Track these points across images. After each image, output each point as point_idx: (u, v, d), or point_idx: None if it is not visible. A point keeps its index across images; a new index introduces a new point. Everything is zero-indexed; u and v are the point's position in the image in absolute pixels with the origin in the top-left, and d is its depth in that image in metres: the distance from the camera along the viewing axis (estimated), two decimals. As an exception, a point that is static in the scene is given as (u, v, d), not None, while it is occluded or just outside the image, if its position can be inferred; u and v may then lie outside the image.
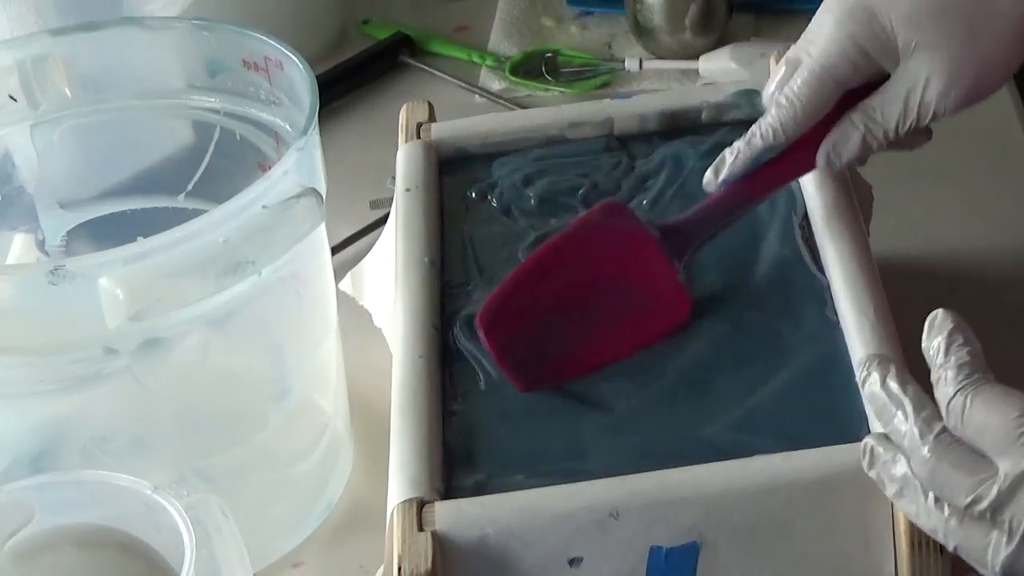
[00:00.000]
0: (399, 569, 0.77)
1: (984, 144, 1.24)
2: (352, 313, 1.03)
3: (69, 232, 1.03)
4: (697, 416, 0.83)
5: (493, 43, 1.41)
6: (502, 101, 1.33)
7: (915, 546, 0.77)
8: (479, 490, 0.81)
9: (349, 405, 1.02)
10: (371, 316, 1.02)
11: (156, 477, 0.77)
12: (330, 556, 0.97)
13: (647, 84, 1.34)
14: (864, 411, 0.80)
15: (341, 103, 1.35)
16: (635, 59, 1.35)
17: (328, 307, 0.98)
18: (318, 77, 0.94)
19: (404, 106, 1.05)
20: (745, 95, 1.00)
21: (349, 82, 1.37)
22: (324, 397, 0.99)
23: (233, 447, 0.93)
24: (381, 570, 0.85)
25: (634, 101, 1.03)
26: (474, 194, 0.99)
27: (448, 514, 0.78)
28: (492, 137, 1.02)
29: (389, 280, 0.95)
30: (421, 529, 0.78)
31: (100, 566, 0.79)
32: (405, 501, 0.79)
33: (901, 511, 0.74)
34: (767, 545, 0.79)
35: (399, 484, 0.80)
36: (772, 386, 0.84)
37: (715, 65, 1.33)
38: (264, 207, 0.85)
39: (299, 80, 0.93)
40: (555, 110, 1.04)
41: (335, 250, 1.13)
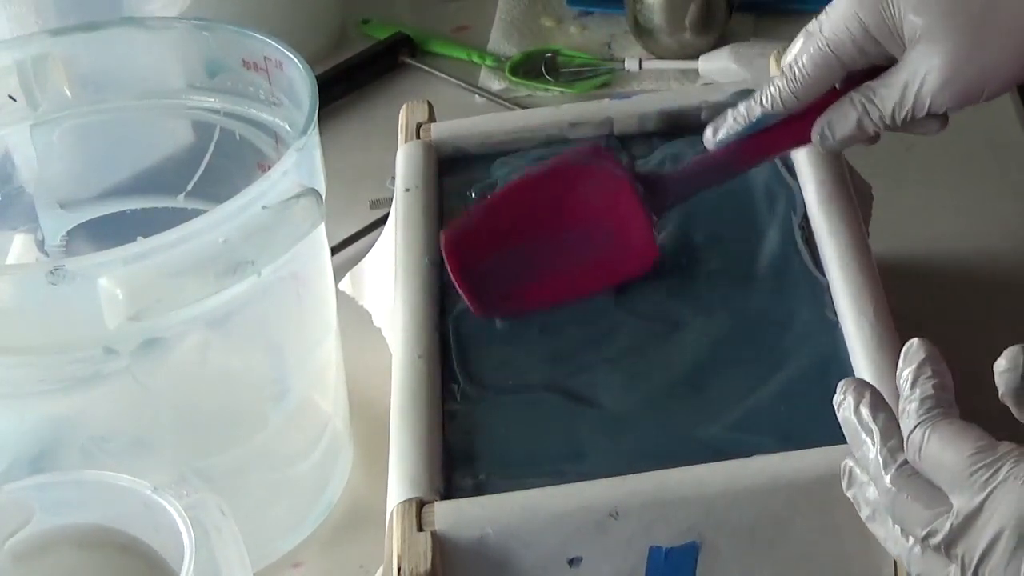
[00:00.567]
0: (399, 569, 0.77)
1: (984, 144, 1.24)
2: (352, 313, 1.03)
3: (69, 232, 1.03)
4: (697, 416, 0.83)
5: (493, 43, 1.41)
6: (502, 101, 1.33)
7: (915, 546, 0.77)
8: (479, 490, 0.81)
9: (349, 405, 1.02)
10: (371, 316, 1.02)
11: (156, 477, 0.77)
12: (330, 556, 0.97)
13: (647, 84, 1.34)
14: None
15: (341, 103, 1.35)
16: (635, 59, 1.35)
17: (328, 307, 0.98)
18: (318, 77, 0.94)
19: (404, 106, 1.05)
20: (745, 95, 1.00)
21: (349, 82, 1.37)
22: (324, 397, 0.99)
23: (233, 447, 0.93)
24: (381, 570, 0.85)
25: (634, 101, 1.03)
26: (474, 194, 0.99)
27: (448, 514, 0.78)
28: (492, 137, 1.02)
29: (389, 280, 0.95)
30: (421, 529, 0.78)
31: (100, 566, 0.79)
32: (405, 501, 0.79)
33: (874, 533, 0.74)
34: (767, 545, 0.79)
35: (399, 484, 0.80)
36: (771, 386, 0.84)
37: (715, 65, 1.33)
38: (264, 207, 0.85)
39: (299, 80, 0.93)
40: (555, 110, 1.03)
41: (335, 250, 1.13)
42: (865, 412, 0.73)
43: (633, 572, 0.79)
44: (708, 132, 0.91)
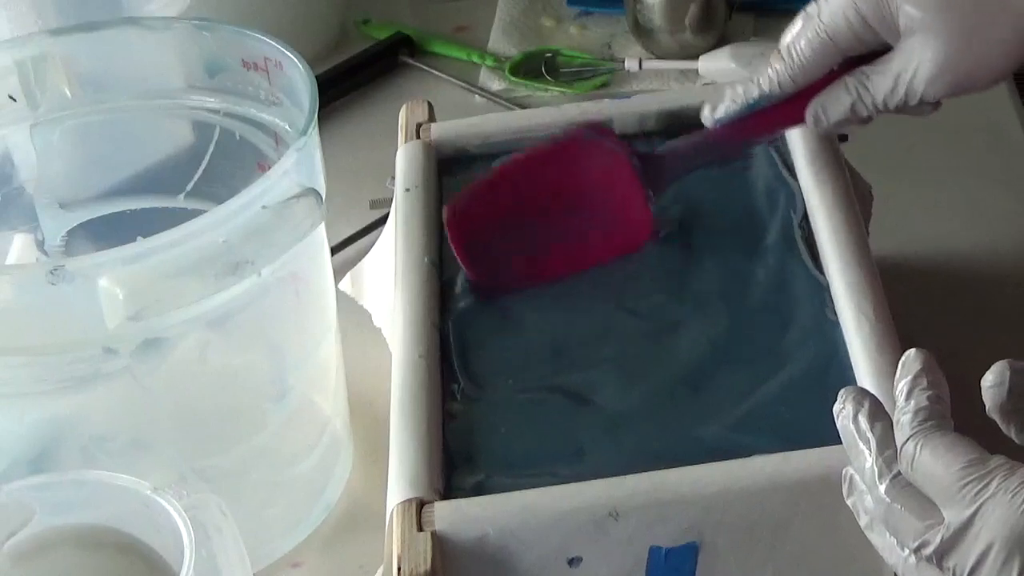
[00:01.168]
0: (399, 569, 0.77)
1: (984, 144, 1.24)
2: (352, 313, 1.03)
3: (69, 232, 1.03)
4: (696, 416, 0.83)
5: (493, 43, 1.41)
6: (502, 101, 1.33)
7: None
8: (479, 490, 0.81)
9: (349, 405, 1.02)
10: (371, 316, 1.02)
11: (156, 477, 0.77)
12: (330, 556, 0.97)
13: (647, 84, 1.34)
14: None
15: (341, 103, 1.35)
16: (635, 59, 1.35)
17: (328, 307, 0.98)
18: (318, 77, 0.94)
19: (404, 106, 1.05)
20: (745, 95, 1.00)
21: (349, 82, 1.37)
22: (323, 397, 0.99)
23: (233, 447, 0.93)
24: (381, 570, 0.85)
25: (634, 101, 1.03)
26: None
27: (447, 514, 0.78)
28: (492, 137, 1.02)
29: (389, 280, 0.95)
30: (421, 529, 0.78)
31: (99, 566, 0.79)
32: (405, 501, 0.79)
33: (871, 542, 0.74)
34: (766, 545, 0.79)
35: (399, 484, 0.80)
36: (771, 386, 0.84)
37: (715, 65, 1.33)
38: (264, 207, 0.85)
39: (299, 80, 0.93)
40: (555, 110, 1.04)
41: (335, 250, 1.13)
42: (863, 422, 0.73)
43: (633, 572, 0.79)
44: (706, 110, 0.93)
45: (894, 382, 0.73)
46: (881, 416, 0.73)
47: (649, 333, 0.89)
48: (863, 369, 0.82)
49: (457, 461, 0.83)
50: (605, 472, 0.80)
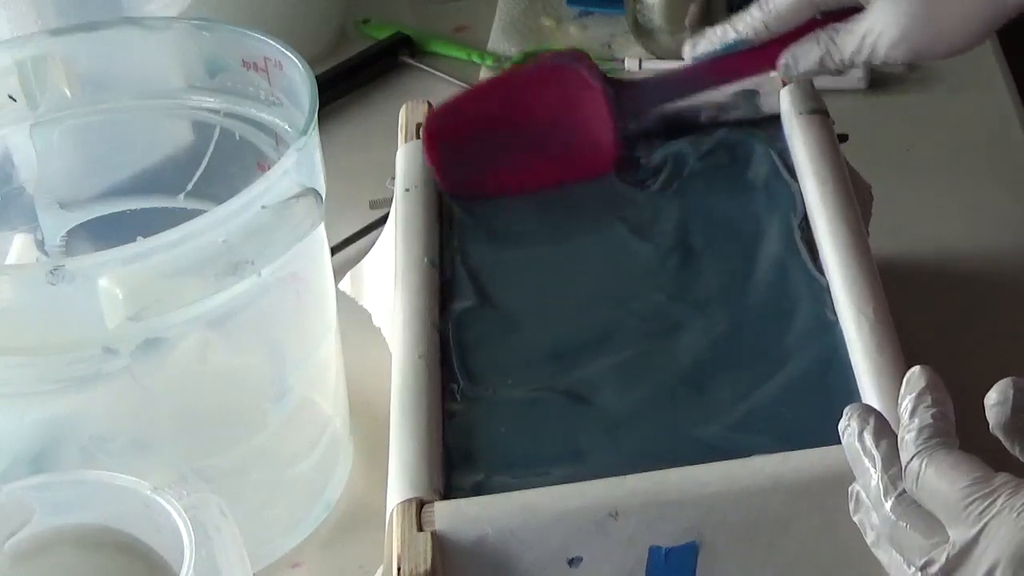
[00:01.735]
0: (398, 569, 0.77)
1: (984, 144, 1.24)
2: (352, 313, 1.03)
3: (69, 232, 1.03)
4: (696, 416, 0.83)
5: (493, 43, 1.41)
6: (502, 101, 1.33)
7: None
8: (479, 490, 0.81)
9: (349, 405, 1.02)
10: (371, 316, 1.02)
11: (156, 477, 0.77)
12: (330, 556, 0.97)
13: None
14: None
15: (341, 103, 1.35)
16: (635, 59, 1.35)
17: (328, 307, 0.98)
18: (318, 77, 0.94)
19: (404, 106, 1.05)
20: (745, 95, 1.00)
21: (349, 82, 1.37)
22: (324, 397, 0.99)
23: (233, 447, 0.93)
24: (381, 570, 0.85)
25: (634, 101, 1.03)
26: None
27: (447, 514, 0.78)
28: (492, 137, 1.02)
29: (389, 280, 0.95)
30: (420, 529, 0.78)
31: (99, 566, 0.79)
32: (404, 501, 0.79)
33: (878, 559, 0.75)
34: (767, 545, 0.79)
35: (399, 484, 0.80)
36: (771, 386, 0.84)
37: (715, 65, 1.32)
38: (264, 207, 0.85)
39: (299, 80, 0.93)
40: (555, 110, 1.04)
41: (335, 250, 1.13)
42: (868, 439, 0.73)
43: (633, 572, 0.79)
44: (687, 47, 0.98)
45: (898, 399, 0.73)
46: (886, 433, 0.73)
47: (649, 333, 0.89)
48: (863, 369, 0.82)
49: (457, 461, 0.83)
50: (605, 472, 0.80)
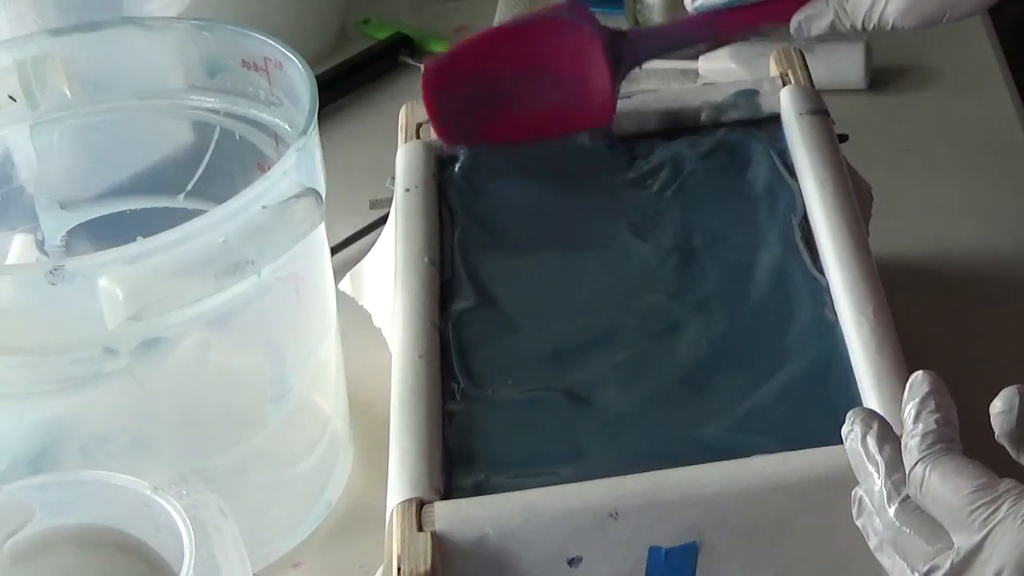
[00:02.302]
0: (398, 569, 0.77)
1: (984, 144, 1.24)
2: (352, 313, 1.03)
3: (69, 232, 1.03)
4: (696, 416, 0.83)
5: (493, 43, 1.41)
6: (502, 101, 1.33)
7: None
8: (479, 490, 0.81)
9: (349, 405, 1.02)
10: (371, 316, 1.02)
11: (156, 477, 0.77)
12: (330, 556, 0.97)
13: (647, 84, 1.34)
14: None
15: (341, 103, 1.35)
16: (635, 59, 1.35)
17: (328, 307, 0.98)
18: (318, 77, 0.94)
19: (404, 106, 1.05)
20: (745, 95, 1.00)
21: (349, 82, 1.37)
22: (324, 397, 0.99)
23: (233, 447, 0.93)
24: (381, 570, 0.85)
25: (634, 101, 1.02)
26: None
27: (447, 514, 0.78)
28: (492, 137, 1.02)
29: (389, 280, 0.95)
30: (420, 529, 0.78)
31: (100, 566, 0.79)
32: (404, 501, 0.79)
33: (881, 563, 0.74)
34: (767, 545, 0.79)
35: (398, 484, 0.80)
36: (772, 386, 0.84)
37: (715, 65, 1.32)
38: (264, 207, 0.85)
39: (299, 80, 0.93)
40: (554, 110, 1.04)
41: (335, 250, 1.13)
42: (871, 444, 0.73)
43: (633, 572, 0.79)
44: None
45: (902, 403, 0.73)
46: (890, 438, 0.73)
47: (649, 333, 0.89)
48: (863, 369, 0.82)
49: (457, 461, 0.83)
50: (605, 472, 0.80)
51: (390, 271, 0.96)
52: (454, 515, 0.78)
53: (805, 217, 0.93)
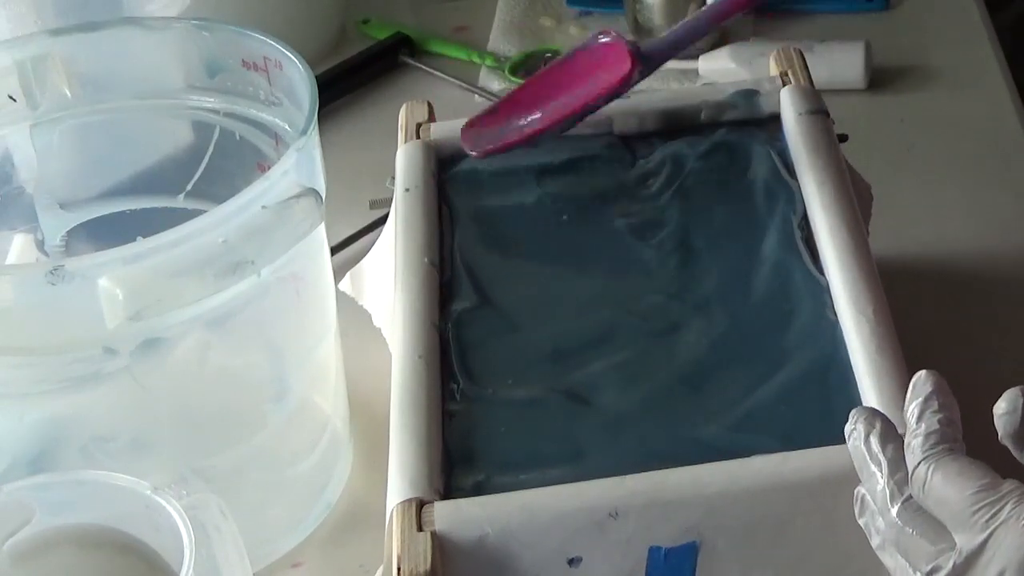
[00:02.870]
0: (398, 569, 0.77)
1: (984, 144, 1.24)
2: (352, 313, 1.03)
3: (69, 232, 1.03)
4: (696, 416, 0.83)
5: (493, 43, 1.41)
6: (502, 101, 1.33)
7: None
8: (478, 490, 0.81)
9: (349, 405, 1.02)
10: (371, 316, 1.02)
11: (156, 477, 0.77)
12: (330, 556, 0.97)
13: (647, 84, 1.34)
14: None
15: (341, 103, 1.35)
16: (635, 59, 1.35)
17: (328, 307, 0.98)
18: (318, 77, 0.94)
19: (404, 106, 1.05)
20: (745, 95, 1.00)
21: (349, 82, 1.37)
22: (323, 397, 0.99)
23: (233, 447, 0.93)
24: (381, 570, 0.85)
25: (634, 101, 1.02)
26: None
27: (447, 514, 0.78)
28: (492, 137, 1.02)
29: (389, 280, 0.95)
30: (420, 529, 0.78)
31: (100, 566, 0.79)
32: (404, 501, 0.79)
33: (883, 562, 0.74)
34: (766, 545, 0.79)
35: (398, 484, 0.80)
36: (771, 386, 0.84)
37: (715, 65, 1.33)
38: (264, 207, 0.85)
39: (298, 80, 0.93)
40: (555, 110, 1.03)
41: (335, 250, 1.13)
42: (874, 443, 0.73)
43: (633, 572, 0.79)
44: None
45: (905, 403, 0.73)
46: (892, 438, 0.73)
47: (649, 333, 0.89)
48: (863, 369, 0.82)
49: (457, 461, 0.83)
50: (605, 472, 0.80)
51: (390, 271, 0.96)
52: (454, 515, 0.78)
53: (805, 217, 0.93)
